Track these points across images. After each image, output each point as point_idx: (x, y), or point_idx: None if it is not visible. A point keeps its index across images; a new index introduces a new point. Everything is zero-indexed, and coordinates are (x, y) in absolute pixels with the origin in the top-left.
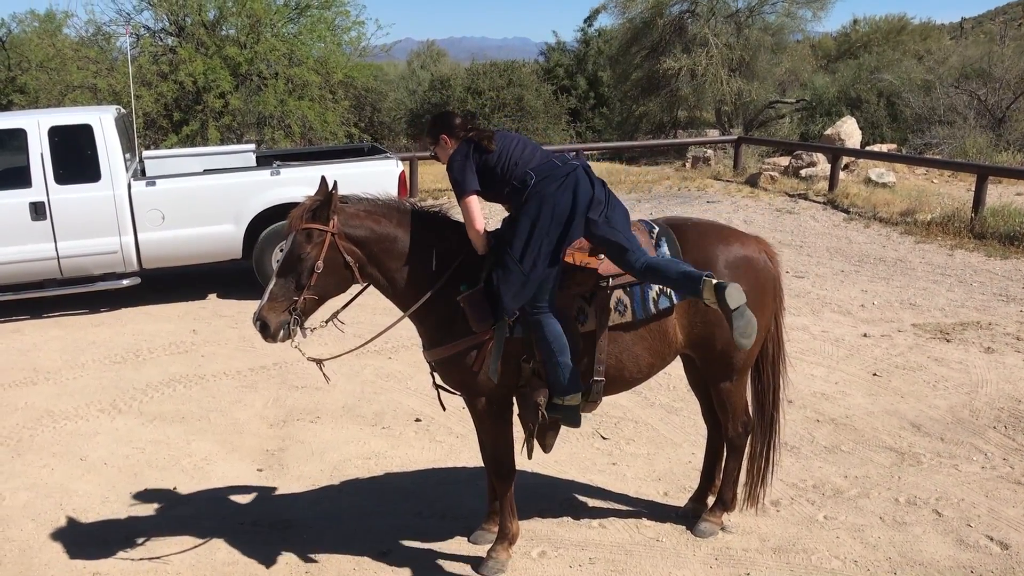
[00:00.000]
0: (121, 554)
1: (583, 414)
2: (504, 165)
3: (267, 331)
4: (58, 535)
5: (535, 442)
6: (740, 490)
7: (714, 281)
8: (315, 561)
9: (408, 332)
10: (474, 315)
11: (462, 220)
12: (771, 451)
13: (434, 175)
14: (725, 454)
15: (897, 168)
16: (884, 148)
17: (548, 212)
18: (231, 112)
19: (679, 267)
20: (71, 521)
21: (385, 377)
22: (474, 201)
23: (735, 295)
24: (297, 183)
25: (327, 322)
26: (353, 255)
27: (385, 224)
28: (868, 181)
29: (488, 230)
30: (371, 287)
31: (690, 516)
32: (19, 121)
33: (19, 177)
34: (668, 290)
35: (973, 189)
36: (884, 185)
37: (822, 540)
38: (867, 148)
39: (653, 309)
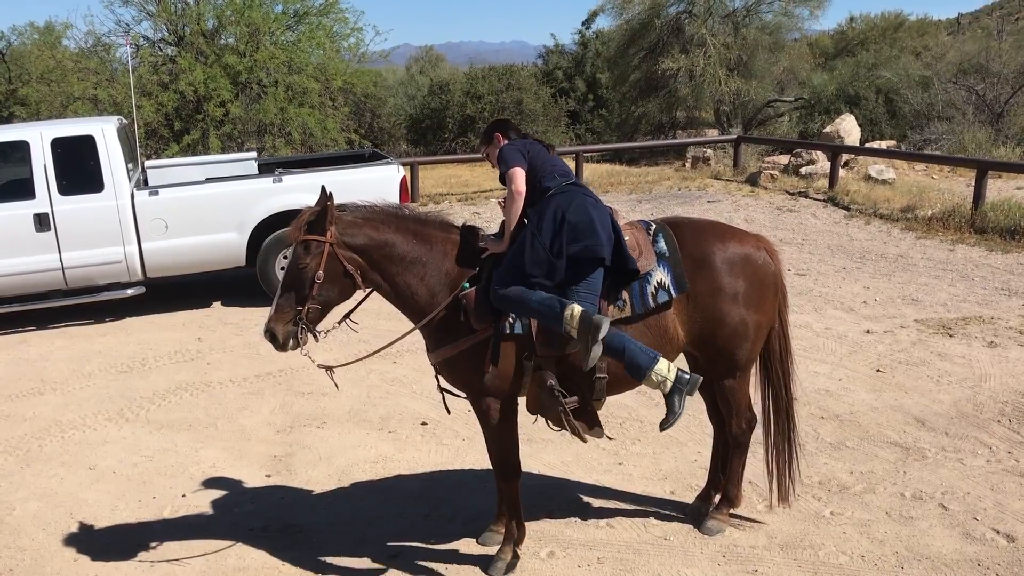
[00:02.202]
0: (132, 562)
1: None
2: (545, 165)
3: (276, 342)
4: (69, 544)
5: (580, 428)
6: (770, 488)
7: (580, 309)
8: (325, 565)
9: (413, 336)
10: (475, 312)
11: (460, 223)
12: (793, 446)
13: (435, 179)
14: (730, 451)
15: (897, 164)
16: (883, 145)
17: (579, 211)
18: (232, 120)
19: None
20: (82, 530)
21: (390, 381)
22: (520, 171)
23: (598, 327)
24: (299, 190)
25: (340, 323)
26: (353, 263)
27: (384, 230)
28: (868, 178)
29: (490, 234)
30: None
31: (697, 514)
32: (22, 133)
33: (23, 189)
34: (666, 284)
35: (973, 184)
36: (884, 182)
37: (829, 536)
38: (866, 145)
39: (652, 303)
